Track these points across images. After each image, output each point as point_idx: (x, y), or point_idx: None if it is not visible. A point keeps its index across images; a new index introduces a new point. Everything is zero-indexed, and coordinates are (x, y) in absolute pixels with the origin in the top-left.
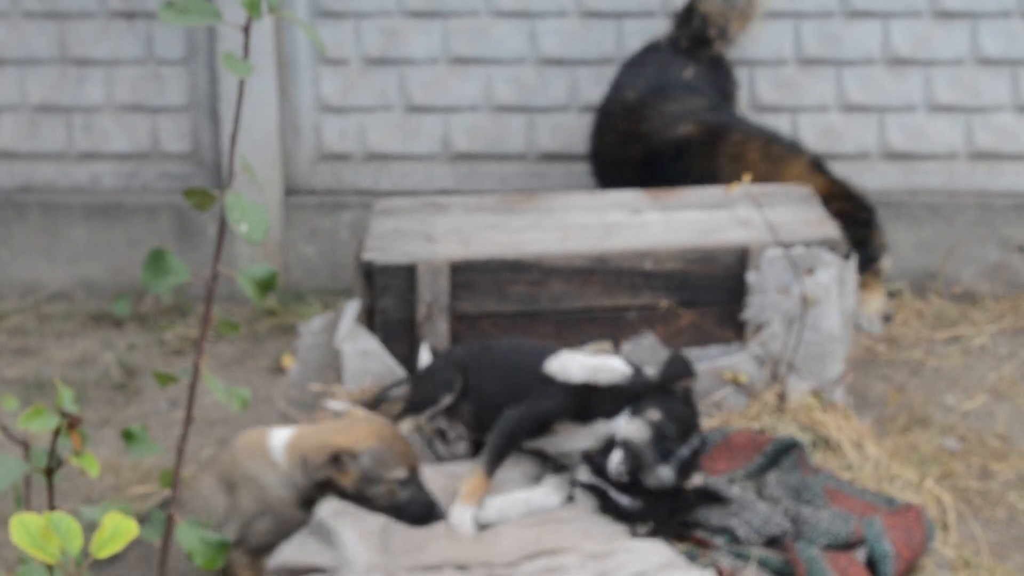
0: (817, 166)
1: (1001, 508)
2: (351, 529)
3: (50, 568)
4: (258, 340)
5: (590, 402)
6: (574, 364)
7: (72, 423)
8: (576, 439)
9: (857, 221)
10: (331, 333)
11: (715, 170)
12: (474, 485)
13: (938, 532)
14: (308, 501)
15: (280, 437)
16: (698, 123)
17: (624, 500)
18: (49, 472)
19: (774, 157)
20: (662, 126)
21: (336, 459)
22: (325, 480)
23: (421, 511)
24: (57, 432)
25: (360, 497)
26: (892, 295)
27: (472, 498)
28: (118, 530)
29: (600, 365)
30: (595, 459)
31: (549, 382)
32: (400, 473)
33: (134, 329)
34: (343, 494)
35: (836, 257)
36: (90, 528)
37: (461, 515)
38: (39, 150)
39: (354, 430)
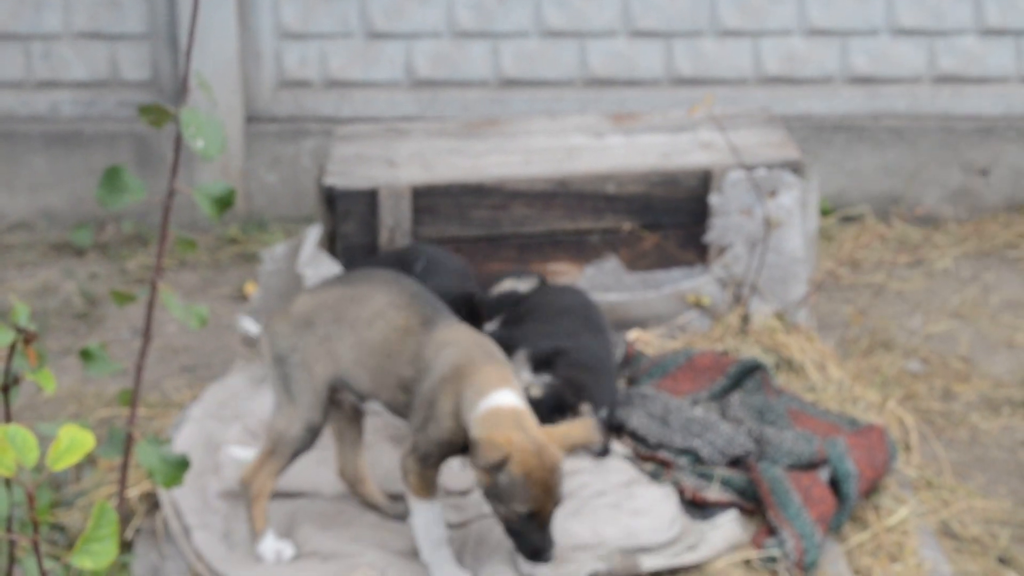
0: None
1: (963, 429)
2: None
3: (7, 481)
4: (220, 268)
5: None
6: None
7: (28, 338)
8: None
9: None
10: (293, 259)
11: None
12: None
13: (901, 453)
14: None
15: (491, 403)
16: None
17: None
18: (5, 389)
19: None
20: None
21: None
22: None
23: (527, 548)
24: (12, 348)
25: (487, 495)
26: (854, 219)
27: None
28: (74, 442)
29: None
30: None
31: None
32: (522, 508)
33: (96, 258)
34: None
35: (798, 179)
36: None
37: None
38: None
39: (517, 448)
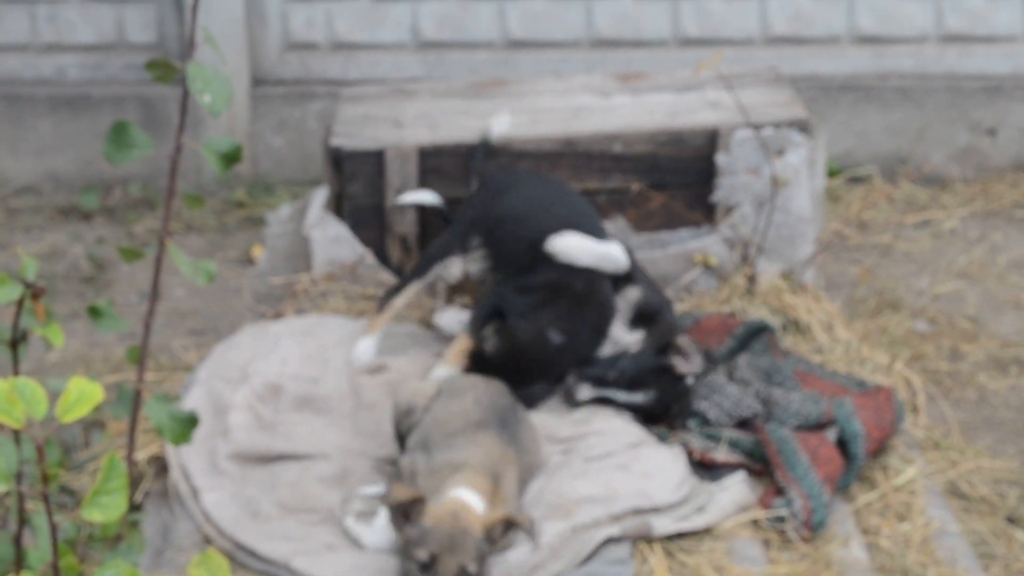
0: None
1: (971, 389)
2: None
3: (16, 436)
4: (227, 232)
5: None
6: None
7: (36, 293)
8: None
9: None
10: (299, 221)
11: None
12: (458, 349)
13: (908, 413)
14: None
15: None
16: None
17: (638, 397)
18: (13, 344)
19: None
20: None
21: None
22: None
23: None
24: (20, 304)
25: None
26: (861, 179)
27: (455, 361)
28: (83, 394)
29: (605, 252)
30: (595, 372)
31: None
32: (422, 555)
33: (103, 222)
34: None
35: (806, 138)
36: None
37: (440, 375)
38: (2, 42)
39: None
